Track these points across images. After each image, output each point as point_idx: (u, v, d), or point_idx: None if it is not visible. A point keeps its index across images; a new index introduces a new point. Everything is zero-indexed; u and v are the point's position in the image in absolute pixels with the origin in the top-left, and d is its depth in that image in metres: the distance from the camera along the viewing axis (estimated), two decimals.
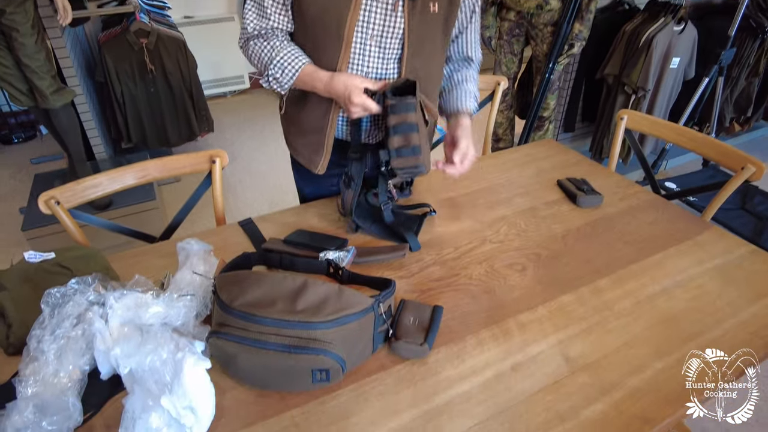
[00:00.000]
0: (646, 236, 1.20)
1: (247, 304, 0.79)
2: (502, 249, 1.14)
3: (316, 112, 1.17)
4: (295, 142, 1.27)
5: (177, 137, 2.96)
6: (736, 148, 1.38)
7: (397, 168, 1.06)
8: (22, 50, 2.08)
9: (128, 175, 1.29)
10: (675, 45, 2.49)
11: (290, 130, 1.28)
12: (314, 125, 1.19)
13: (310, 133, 1.21)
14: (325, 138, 1.19)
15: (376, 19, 1.05)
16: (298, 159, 1.28)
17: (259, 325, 0.77)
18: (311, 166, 1.24)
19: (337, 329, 0.77)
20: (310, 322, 0.76)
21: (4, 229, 2.73)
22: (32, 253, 1.08)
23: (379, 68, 1.11)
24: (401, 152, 1.03)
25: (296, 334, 0.76)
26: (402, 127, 1.02)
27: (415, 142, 1.02)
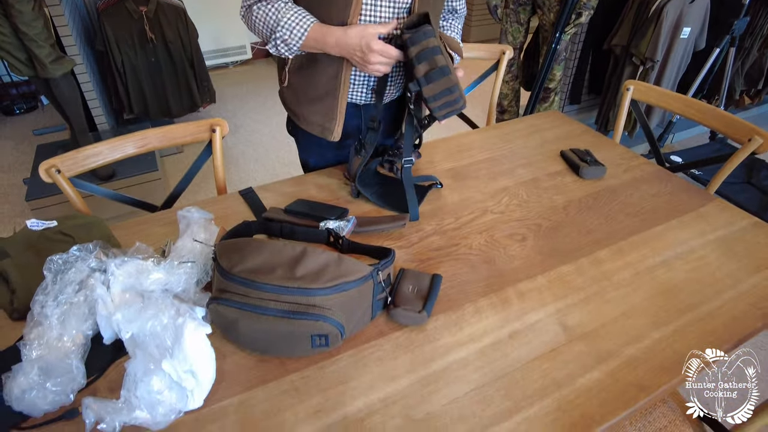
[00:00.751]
0: (649, 208, 1.19)
1: (247, 271, 0.80)
2: (502, 219, 1.14)
3: (327, 74, 1.14)
4: (305, 111, 1.23)
5: (179, 108, 2.94)
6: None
7: (430, 98, 1.00)
8: (20, 18, 2.05)
9: (129, 144, 1.28)
10: (686, 14, 2.42)
11: (297, 100, 1.24)
12: (325, 89, 1.16)
13: (321, 99, 1.18)
14: (338, 101, 1.17)
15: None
16: (309, 129, 1.24)
17: (259, 291, 0.78)
18: (325, 133, 1.22)
19: (335, 296, 0.78)
20: (309, 289, 0.77)
21: (8, 200, 2.74)
22: (35, 221, 1.08)
23: (389, 17, 1.07)
24: (430, 77, 0.98)
25: (295, 300, 0.77)
26: (425, 54, 0.98)
27: (441, 63, 0.98)
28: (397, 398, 0.75)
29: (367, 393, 0.76)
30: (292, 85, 1.23)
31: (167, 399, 0.74)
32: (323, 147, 1.31)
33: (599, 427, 0.72)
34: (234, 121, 3.47)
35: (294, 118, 1.28)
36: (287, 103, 1.28)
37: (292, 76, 1.21)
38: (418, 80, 1.00)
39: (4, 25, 2.11)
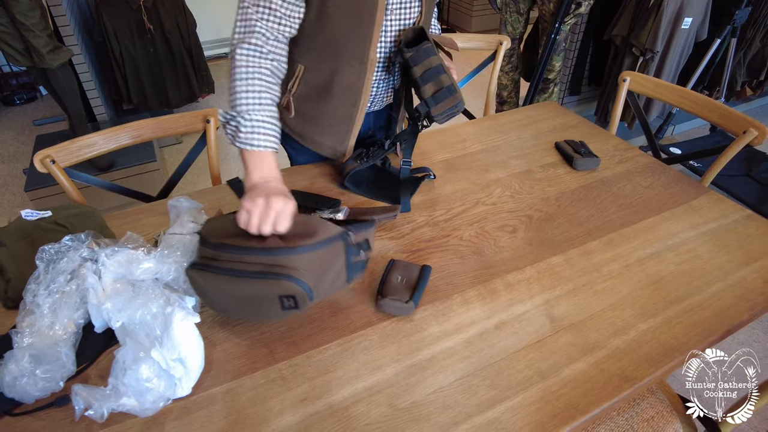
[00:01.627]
0: (642, 200, 1.19)
1: (221, 237, 0.82)
2: (494, 211, 1.14)
3: (344, 104, 1.12)
4: (315, 136, 1.19)
5: (177, 98, 2.94)
6: (744, 113, 1.35)
7: (438, 115, 1.05)
8: (17, 7, 2.04)
9: (123, 135, 1.29)
10: (687, 4, 2.40)
11: (304, 124, 1.18)
12: (341, 117, 1.14)
13: (335, 125, 1.16)
14: (353, 126, 1.16)
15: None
16: (318, 151, 1.22)
17: (227, 254, 0.79)
18: (337, 155, 1.21)
19: (301, 256, 0.77)
20: (272, 249, 0.78)
21: (9, 190, 2.76)
22: (29, 211, 1.09)
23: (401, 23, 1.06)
24: (437, 98, 1.03)
25: (260, 261, 0.77)
26: (429, 73, 1.02)
27: (447, 83, 1.02)
28: (383, 387, 0.76)
29: (352, 382, 0.77)
30: (301, 113, 1.16)
31: (156, 387, 0.75)
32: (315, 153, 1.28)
33: (582, 416, 0.73)
34: None
35: (297, 138, 1.22)
36: (288, 124, 1.20)
37: (299, 104, 1.15)
38: (426, 101, 1.04)
39: (1, 14, 2.10)
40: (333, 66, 1.07)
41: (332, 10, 0.98)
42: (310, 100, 1.14)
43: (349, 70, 1.06)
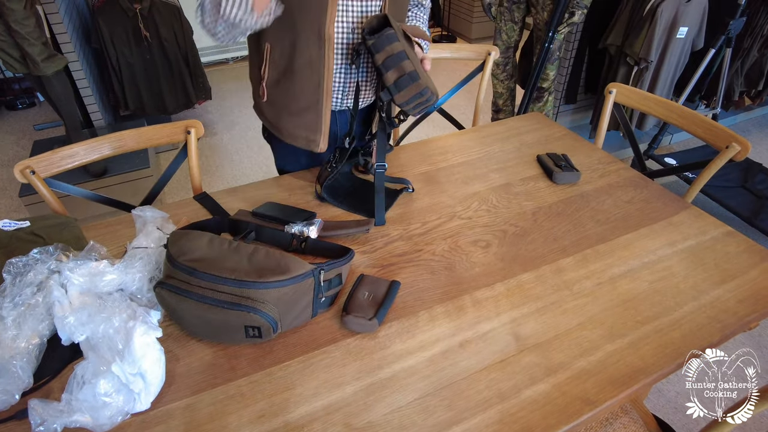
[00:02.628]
0: (620, 215, 1.18)
1: (192, 260, 0.83)
2: (469, 225, 1.14)
3: (309, 86, 1.13)
4: (288, 125, 1.21)
5: (174, 105, 2.96)
6: (743, 122, 1.33)
7: (402, 104, 1.03)
8: (12, 16, 2.07)
9: (105, 146, 1.29)
10: (683, 13, 2.38)
11: (278, 115, 1.21)
12: (308, 101, 1.15)
13: (304, 112, 1.17)
14: (322, 112, 1.16)
15: None
16: (293, 143, 1.23)
17: (199, 280, 0.81)
18: (311, 146, 1.22)
19: (270, 291, 0.80)
20: (244, 281, 0.80)
21: (6, 195, 2.78)
22: (7, 221, 1.10)
23: (363, 7, 1.07)
24: (399, 84, 1.00)
25: (231, 291, 0.80)
26: (391, 60, 1.00)
27: (409, 69, 0.99)
28: (340, 406, 0.76)
29: (310, 400, 0.77)
30: (272, 100, 1.20)
31: (114, 401, 0.75)
32: (298, 153, 1.30)
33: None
34: (231, 118, 3.48)
35: (276, 132, 1.26)
36: (266, 117, 1.26)
37: (271, 91, 1.19)
38: (389, 89, 1.02)
39: None
40: (292, 40, 1.08)
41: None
42: (279, 83, 1.16)
43: (307, 44, 1.07)
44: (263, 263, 0.84)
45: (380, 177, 1.13)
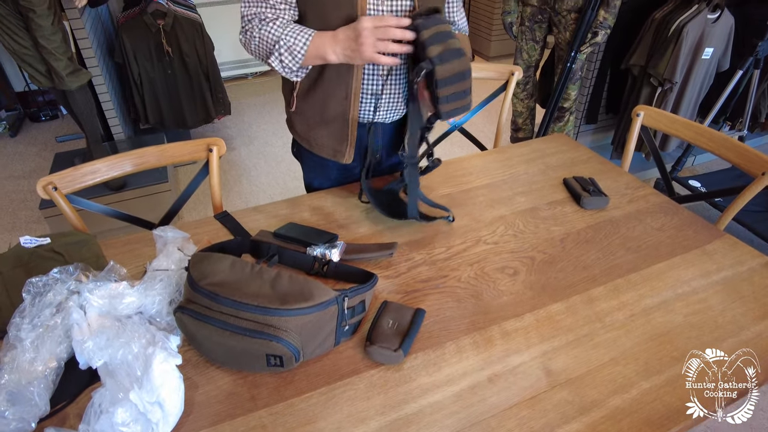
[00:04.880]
0: (651, 243, 1.14)
1: (213, 284, 0.81)
2: (495, 251, 1.10)
3: (336, 96, 1.14)
4: (316, 135, 1.23)
5: (194, 119, 2.98)
6: (758, 151, 1.29)
7: (441, 80, 0.94)
8: (39, 31, 2.10)
9: (126, 162, 1.29)
10: (708, 34, 2.35)
11: (307, 125, 1.23)
12: (335, 111, 1.16)
13: (332, 122, 1.18)
14: (349, 123, 1.17)
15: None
16: (320, 153, 1.25)
17: (220, 306, 0.79)
18: (338, 156, 1.23)
19: (294, 318, 0.78)
20: (268, 308, 0.77)
21: (27, 206, 2.81)
22: (28, 238, 1.09)
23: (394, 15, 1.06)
24: (444, 56, 0.92)
25: (254, 318, 0.78)
26: (438, 36, 0.93)
27: (457, 45, 0.93)
28: None
29: None
30: (301, 110, 1.22)
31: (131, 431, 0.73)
32: (328, 168, 1.31)
33: None
34: (249, 133, 3.50)
35: (304, 144, 1.28)
36: (296, 129, 1.28)
37: (301, 101, 1.20)
38: (431, 59, 0.92)
39: (24, 38, 2.17)
40: None
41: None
42: (309, 94, 1.17)
43: None
44: (286, 289, 0.81)
45: (413, 169, 1.10)
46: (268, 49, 1.05)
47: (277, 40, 1.03)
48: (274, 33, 1.03)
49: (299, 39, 1.01)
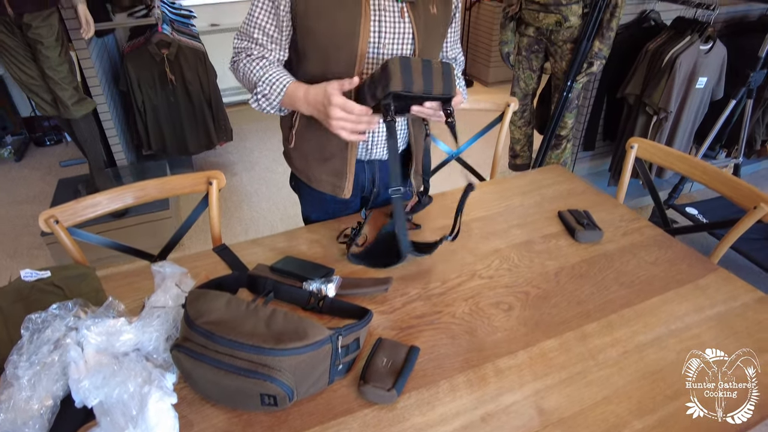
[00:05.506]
0: (645, 277, 1.15)
1: (209, 323, 0.82)
2: (490, 285, 1.11)
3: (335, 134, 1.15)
4: (315, 171, 1.25)
5: (196, 145, 3.02)
6: (766, 171, 1.30)
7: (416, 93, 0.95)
8: (47, 62, 2.15)
9: (127, 195, 1.31)
10: (701, 65, 2.39)
11: (306, 161, 1.25)
12: (335, 148, 1.19)
13: (331, 158, 1.21)
14: (348, 159, 1.20)
15: (387, 28, 1.08)
16: (319, 188, 1.27)
17: (216, 344, 0.80)
18: (336, 191, 1.25)
19: (288, 358, 0.79)
20: (262, 348, 0.78)
21: (29, 231, 2.83)
22: (29, 271, 1.11)
23: None
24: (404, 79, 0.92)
25: (248, 358, 0.78)
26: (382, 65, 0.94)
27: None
28: None
29: None
30: (299, 146, 1.25)
31: None
32: (326, 202, 1.33)
33: None
34: (251, 158, 3.54)
35: (303, 178, 1.30)
36: (294, 163, 1.30)
37: (299, 138, 1.23)
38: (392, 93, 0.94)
39: (32, 69, 2.22)
40: None
41: (320, 43, 1.07)
42: (307, 130, 1.20)
43: None
44: (281, 328, 0.82)
45: (398, 201, 1.06)
46: (249, 87, 1.13)
47: (256, 82, 1.09)
48: (255, 74, 1.10)
49: (274, 89, 1.08)
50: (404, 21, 1.09)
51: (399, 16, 1.08)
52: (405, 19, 1.09)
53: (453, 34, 1.27)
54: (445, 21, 1.18)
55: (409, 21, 1.09)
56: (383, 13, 1.07)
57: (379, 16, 1.07)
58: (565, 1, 2.30)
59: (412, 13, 1.09)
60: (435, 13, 1.13)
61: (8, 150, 3.68)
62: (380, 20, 1.07)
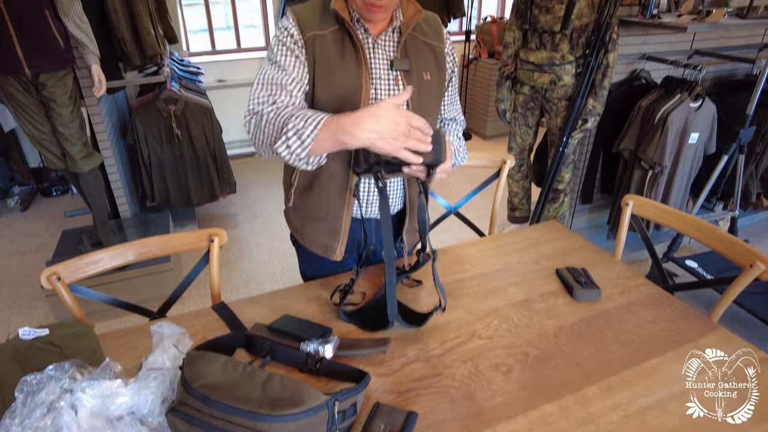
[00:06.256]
0: (645, 337, 1.14)
1: (206, 387, 0.82)
2: (490, 346, 1.11)
3: (332, 195, 1.20)
4: (309, 231, 1.28)
5: (199, 198, 3.07)
6: (763, 222, 1.32)
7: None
8: (59, 119, 2.23)
9: (129, 252, 1.33)
10: (692, 121, 2.46)
11: (302, 221, 1.29)
12: (329, 209, 1.22)
13: (325, 219, 1.24)
14: (342, 220, 1.22)
15: (382, 94, 1.13)
16: (312, 249, 1.29)
17: (212, 409, 0.79)
18: (328, 253, 1.27)
19: (283, 424, 0.78)
20: (257, 414, 0.77)
21: (29, 282, 2.83)
22: (27, 329, 1.11)
23: None
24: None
25: (243, 423, 0.77)
26: None
27: None
28: None
29: None
30: (297, 206, 1.28)
31: None
32: (322, 260, 1.34)
33: None
34: (253, 210, 3.58)
35: (299, 238, 1.33)
36: (292, 223, 1.33)
37: (297, 198, 1.26)
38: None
39: (44, 125, 2.30)
40: None
41: (324, 107, 1.09)
42: (305, 191, 1.23)
43: (332, 155, 1.12)
44: (277, 392, 0.82)
45: (389, 268, 1.08)
46: (276, 131, 1.00)
47: (285, 121, 0.98)
48: (284, 114, 1.00)
49: (309, 123, 0.95)
50: (398, 88, 1.15)
51: (393, 83, 1.14)
52: (399, 86, 1.15)
53: (450, 96, 1.33)
54: (439, 86, 1.23)
55: (403, 88, 1.15)
56: (378, 81, 1.13)
57: (375, 84, 1.13)
58: (558, 62, 2.39)
59: (405, 80, 1.15)
60: (429, 80, 1.19)
61: (15, 200, 3.74)
62: (376, 87, 1.13)
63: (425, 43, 1.19)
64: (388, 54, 1.14)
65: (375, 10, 1.06)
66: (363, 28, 1.12)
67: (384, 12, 1.08)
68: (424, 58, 1.18)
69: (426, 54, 1.19)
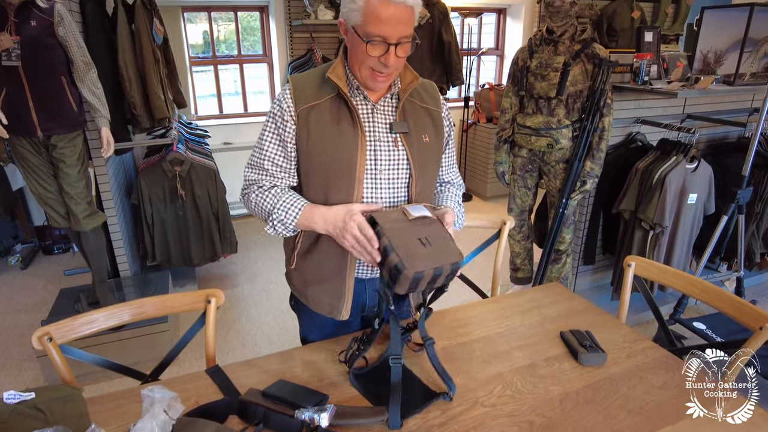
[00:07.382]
0: (654, 404, 1.09)
1: None
2: (493, 414, 1.06)
3: (334, 256, 1.20)
4: (313, 292, 1.27)
5: (200, 257, 3.07)
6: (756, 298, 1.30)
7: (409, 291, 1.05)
8: (66, 179, 2.27)
9: (125, 312, 1.31)
10: (690, 182, 2.49)
11: (305, 282, 1.28)
12: (333, 269, 1.21)
13: (329, 280, 1.23)
14: (346, 280, 1.22)
15: (383, 156, 1.16)
16: (317, 309, 1.28)
17: None
18: (334, 313, 1.25)
19: None
20: None
21: (22, 342, 2.77)
22: (12, 393, 1.07)
23: (390, 197, 1.18)
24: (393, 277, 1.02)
25: None
26: (384, 253, 1.04)
27: (395, 262, 1.00)
28: None
29: None
30: (300, 268, 1.27)
31: None
32: (325, 323, 1.32)
33: None
34: (254, 269, 3.56)
35: (302, 299, 1.31)
36: (294, 284, 1.33)
37: (300, 260, 1.26)
38: (387, 283, 1.06)
39: (51, 184, 2.34)
40: None
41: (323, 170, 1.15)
42: (308, 253, 1.24)
43: None
44: None
45: (396, 368, 1.06)
46: (263, 216, 1.20)
47: (270, 210, 1.17)
48: (269, 202, 1.18)
49: (290, 213, 1.15)
50: (398, 149, 1.17)
51: (393, 145, 1.17)
52: (399, 147, 1.17)
53: (448, 159, 1.35)
54: (438, 148, 1.26)
55: (403, 149, 1.18)
56: (378, 143, 1.16)
57: (375, 146, 1.15)
58: (555, 126, 2.46)
59: (405, 142, 1.18)
60: (428, 142, 1.22)
61: (16, 258, 3.74)
62: (375, 149, 1.16)
63: (423, 107, 1.23)
64: (387, 118, 1.18)
65: (381, 79, 1.11)
66: (362, 95, 1.16)
67: (388, 80, 1.13)
68: (423, 121, 1.22)
69: (424, 118, 1.22)
